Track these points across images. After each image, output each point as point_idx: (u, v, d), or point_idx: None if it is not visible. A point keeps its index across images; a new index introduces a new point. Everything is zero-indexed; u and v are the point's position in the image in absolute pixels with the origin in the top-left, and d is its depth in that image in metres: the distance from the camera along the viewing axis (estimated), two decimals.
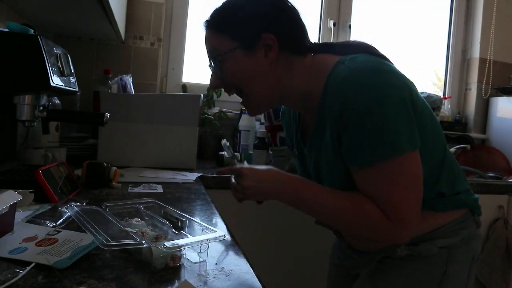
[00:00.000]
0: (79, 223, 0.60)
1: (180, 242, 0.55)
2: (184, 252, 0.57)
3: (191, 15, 2.00)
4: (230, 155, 0.91)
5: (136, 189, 1.04)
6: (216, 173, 0.88)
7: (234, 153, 0.92)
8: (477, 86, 2.35)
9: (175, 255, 0.54)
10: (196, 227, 0.68)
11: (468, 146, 2.11)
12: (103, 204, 0.73)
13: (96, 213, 0.66)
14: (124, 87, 1.59)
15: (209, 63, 0.85)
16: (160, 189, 1.06)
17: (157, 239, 0.56)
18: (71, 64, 1.02)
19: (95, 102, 1.59)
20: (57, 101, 1.35)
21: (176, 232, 0.65)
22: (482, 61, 2.34)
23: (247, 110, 0.89)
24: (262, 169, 0.82)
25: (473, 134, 2.30)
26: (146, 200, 0.77)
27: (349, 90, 0.70)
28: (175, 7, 1.96)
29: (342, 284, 1.02)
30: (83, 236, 0.60)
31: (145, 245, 0.53)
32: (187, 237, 0.63)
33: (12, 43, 0.84)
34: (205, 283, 0.51)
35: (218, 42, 0.81)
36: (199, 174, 1.30)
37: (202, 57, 2.01)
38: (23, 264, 0.51)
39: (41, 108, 0.95)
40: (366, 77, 0.70)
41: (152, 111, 1.38)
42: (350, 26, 2.20)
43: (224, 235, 0.60)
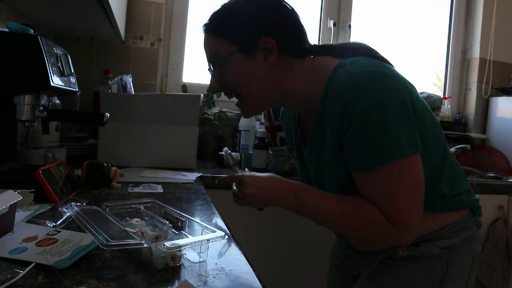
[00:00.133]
0: (79, 223, 0.60)
1: (180, 242, 0.55)
2: (184, 252, 0.57)
3: (191, 15, 2.00)
4: (232, 162, 0.92)
5: (136, 189, 1.04)
6: (217, 181, 0.88)
7: (236, 161, 0.93)
8: (477, 86, 2.35)
9: (175, 255, 0.54)
10: (196, 227, 0.68)
11: (468, 146, 2.11)
12: (103, 204, 0.72)
13: (96, 213, 0.66)
14: (124, 87, 1.59)
15: (208, 67, 0.85)
16: (160, 189, 1.06)
17: (157, 239, 0.56)
18: (71, 64, 1.02)
19: (95, 102, 1.59)
20: (57, 101, 1.35)
21: (176, 232, 0.65)
22: (482, 61, 2.34)
23: (242, 112, 0.89)
24: (263, 176, 0.82)
25: (473, 134, 2.30)
26: (146, 200, 0.77)
27: (349, 94, 0.70)
28: (175, 7, 1.96)
29: (342, 284, 1.02)
30: (83, 236, 0.60)
31: (145, 245, 0.53)
32: (187, 237, 0.63)
33: (12, 43, 0.84)
34: (205, 283, 0.51)
35: (217, 46, 0.81)
36: (199, 174, 1.30)
37: (202, 57, 2.00)
38: (23, 264, 0.51)
39: (41, 108, 0.95)
40: (366, 81, 0.70)
41: (152, 111, 1.38)
42: (350, 26, 2.20)
43: (224, 235, 0.60)
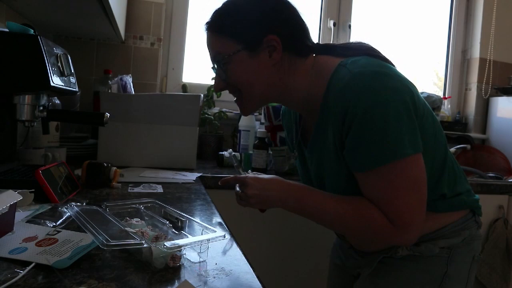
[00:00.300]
0: (79, 223, 0.60)
1: (180, 242, 0.54)
2: (184, 252, 0.57)
3: (191, 15, 2.00)
4: (236, 164, 0.93)
5: (136, 189, 1.04)
6: (220, 182, 0.88)
7: (240, 162, 0.94)
8: (477, 86, 2.35)
9: (175, 255, 0.54)
10: (196, 227, 0.68)
11: (468, 146, 2.11)
12: (103, 204, 0.72)
13: (96, 213, 0.66)
14: (124, 87, 1.59)
15: (212, 65, 0.85)
16: (160, 189, 1.06)
17: (157, 239, 0.56)
18: (71, 64, 1.02)
19: (95, 102, 1.59)
20: (57, 101, 1.35)
21: (176, 232, 0.65)
22: (482, 61, 2.34)
23: (240, 109, 0.88)
24: (266, 178, 0.82)
25: (473, 134, 2.30)
26: (146, 200, 0.77)
27: (351, 94, 0.70)
28: (175, 7, 1.96)
29: (342, 284, 1.02)
30: (83, 236, 0.60)
31: (145, 245, 0.53)
32: (187, 237, 0.63)
33: (12, 43, 0.84)
34: (205, 283, 0.51)
35: (221, 44, 0.80)
36: (199, 174, 1.30)
37: (202, 57, 2.01)
38: (23, 264, 0.51)
39: (41, 108, 0.95)
40: (367, 81, 0.70)
41: (152, 111, 1.38)
42: (350, 26, 2.20)
43: (224, 235, 0.60)
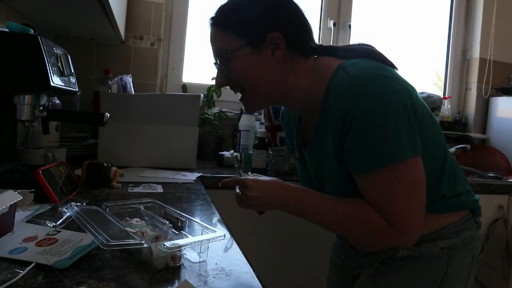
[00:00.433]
0: (79, 223, 0.60)
1: (180, 242, 0.54)
2: (184, 252, 0.57)
3: (191, 15, 1.99)
4: (237, 165, 0.94)
5: (136, 189, 1.04)
6: (220, 184, 0.89)
7: (241, 164, 0.94)
8: (477, 86, 2.35)
9: (175, 255, 0.54)
10: (196, 227, 0.68)
11: (468, 146, 2.11)
12: (103, 204, 0.72)
13: (96, 213, 0.66)
14: (124, 87, 1.59)
15: (214, 61, 0.85)
16: (160, 189, 1.06)
17: (157, 239, 0.56)
18: (71, 64, 1.02)
19: (95, 102, 1.59)
20: (57, 101, 1.35)
21: (176, 232, 0.65)
22: (482, 61, 2.34)
23: (244, 107, 0.89)
24: (266, 180, 0.83)
25: (473, 134, 2.30)
26: (146, 200, 0.77)
27: (350, 96, 0.70)
28: (175, 7, 1.96)
29: (342, 284, 1.02)
30: (83, 236, 0.60)
31: (145, 245, 0.53)
32: (187, 237, 0.63)
33: (12, 43, 0.84)
34: (205, 283, 0.51)
35: (225, 40, 0.80)
36: (199, 174, 1.30)
37: (202, 57, 2.01)
38: (23, 264, 0.51)
39: (41, 108, 0.95)
40: (367, 83, 0.70)
41: (152, 111, 1.38)
42: (350, 26, 2.20)
43: (224, 235, 0.60)
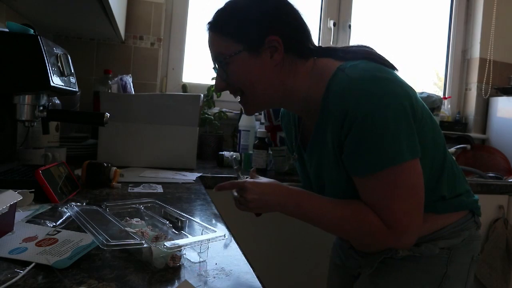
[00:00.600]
0: (79, 223, 0.60)
1: (180, 242, 0.54)
2: (184, 252, 0.57)
3: (191, 15, 1.99)
4: (236, 167, 0.94)
5: (136, 189, 1.04)
6: (215, 189, 0.87)
7: (240, 166, 0.94)
8: (477, 86, 2.35)
9: (175, 255, 0.54)
10: (196, 227, 0.68)
11: (468, 146, 2.11)
12: (103, 204, 0.72)
13: (96, 213, 0.66)
14: (124, 87, 1.59)
15: (213, 65, 0.85)
16: (160, 189, 1.06)
17: (157, 239, 0.56)
18: (71, 64, 1.02)
19: (95, 102, 1.59)
20: (57, 101, 1.35)
21: (176, 232, 0.65)
22: (482, 61, 2.34)
23: (244, 109, 0.88)
24: (264, 182, 0.83)
25: (473, 134, 2.30)
26: (146, 200, 0.77)
27: (349, 98, 0.70)
28: (175, 7, 1.96)
29: (342, 284, 1.02)
30: (83, 236, 0.60)
31: (145, 245, 0.53)
32: (187, 237, 0.63)
33: (12, 43, 0.84)
34: (205, 283, 0.51)
35: (223, 45, 0.80)
36: (199, 174, 1.30)
37: (202, 57, 2.01)
38: (23, 264, 0.51)
39: (41, 108, 0.95)
40: (366, 85, 0.70)
41: (152, 111, 1.38)
42: (350, 26, 2.20)
43: (224, 235, 0.60)
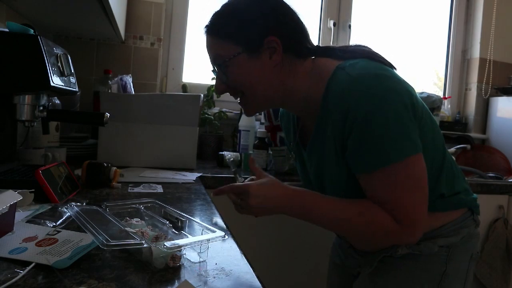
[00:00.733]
0: (79, 223, 0.60)
1: (180, 242, 0.55)
2: (184, 252, 0.57)
3: (191, 15, 2.00)
4: (233, 169, 0.94)
5: (136, 189, 1.04)
6: (213, 193, 0.83)
7: (237, 168, 0.94)
8: (477, 86, 2.35)
9: (175, 255, 0.54)
10: (196, 227, 0.68)
11: (468, 146, 2.11)
12: (103, 204, 0.72)
13: (96, 213, 0.66)
14: (124, 87, 1.59)
15: (212, 68, 0.85)
16: (160, 189, 1.06)
17: (157, 239, 0.56)
18: (71, 64, 1.02)
19: (95, 102, 1.59)
20: (57, 101, 1.35)
21: (176, 232, 0.65)
22: (482, 61, 2.34)
23: (244, 110, 0.88)
24: (266, 185, 0.78)
25: (473, 134, 2.30)
26: (146, 200, 0.77)
27: (350, 97, 0.70)
28: (175, 7, 1.96)
29: (342, 283, 1.02)
30: (83, 236, 0.60)
31: (145, 245, 0.53)
32: (187, 237, 0.63)
33: (12, 43, 0.84)
34: (205, 283, 0.51)
35: (222, 47, 0.80)
36: (199, 174, 1.30)
37: (202, 57, 2.01)
38: (23, 264, 0.51)
39: (41, 108, 0.95)
40: (366, 83, 0.70)
41: (152, 111, 1.38)
42: (350, 26, 2.20)
43: (224, 235, 0.60)
